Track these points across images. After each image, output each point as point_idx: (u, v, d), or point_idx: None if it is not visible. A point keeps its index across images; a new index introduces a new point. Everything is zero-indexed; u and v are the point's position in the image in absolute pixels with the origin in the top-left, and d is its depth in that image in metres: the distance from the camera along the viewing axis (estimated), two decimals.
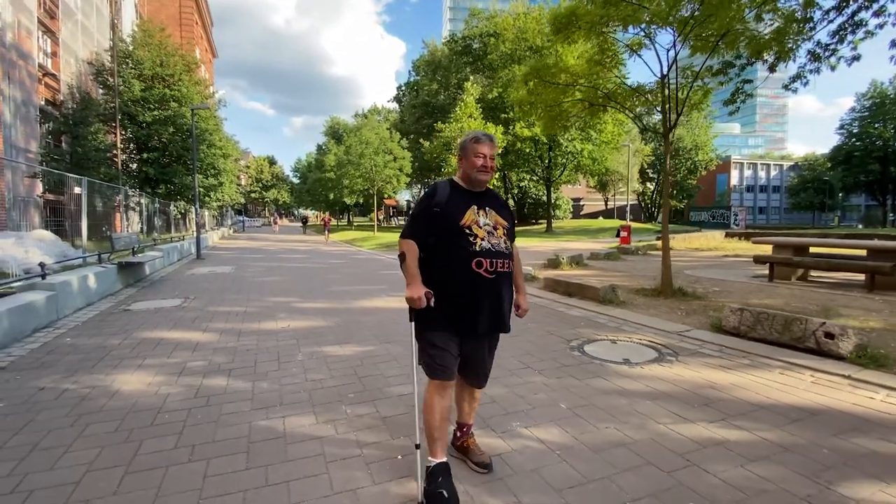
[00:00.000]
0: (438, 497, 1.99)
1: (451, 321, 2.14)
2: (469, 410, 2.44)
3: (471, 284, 2.11)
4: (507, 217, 2.32)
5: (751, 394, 3.26)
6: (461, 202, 2.19)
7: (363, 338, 5.02)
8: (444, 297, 2.11)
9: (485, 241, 2.14)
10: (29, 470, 2.41)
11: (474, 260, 2.10)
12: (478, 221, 2.17)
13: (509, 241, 2.28)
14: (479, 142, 2.23)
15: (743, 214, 56.37)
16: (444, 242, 2.14)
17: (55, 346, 4.78)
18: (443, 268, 2.14)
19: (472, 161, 2.22)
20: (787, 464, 2.35)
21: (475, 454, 2.35)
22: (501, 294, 2.19)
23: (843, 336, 3.83)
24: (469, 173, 2.24)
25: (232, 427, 2.89)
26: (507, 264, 2.21)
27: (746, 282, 8.24)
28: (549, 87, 7.43)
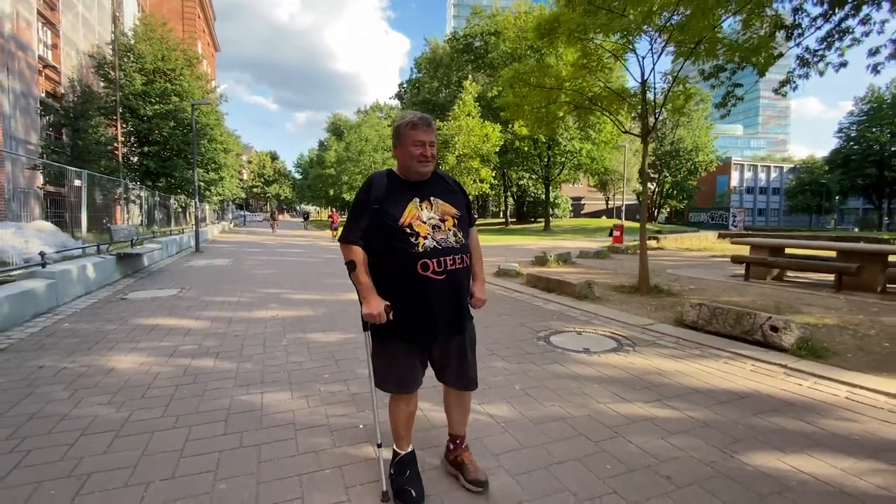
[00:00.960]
0: (406, 495, 2.00)
1: (406, 329, 1.96)
2: (459, 419, 2.23)
3: (419, 289, 1.91)
4: (458, 203, 2.07)
5: (691, 379, 3.55)
6: (400, 197, 1.96)
7: (346, 326, 5.32)
8: (396, 304, 1.93)
9: (428, 240, 1.92)
10: (27, 434, 2.71)
11: (419, 262, 1.90)
12: (420, 217, 1.94)
13: (462, 230, 2.04)
14: (415, 127, 1.96)
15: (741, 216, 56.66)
16: (386, 245, 1.94)
17: (54, 331, 5.08)
18: (388, 273, 1.96)
19: (409, 151, 1.96)
20: (703, 437, 2.64)
21: (469, 471, 2.12)
22: (456, 293, 2.00)
23: (786, 329, 4.12)
24: (407, 164, 1.99)
25: (214, 400, 3.18)
26: (459, 259, 1.97)
27: (723, 281, 8.53)
28: (533, 90, 7.69)
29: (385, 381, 2.08)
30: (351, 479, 2.24)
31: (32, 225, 10.61)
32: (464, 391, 2.19)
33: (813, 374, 3.62)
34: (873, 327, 5.11)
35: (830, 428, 2.77)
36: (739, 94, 12.01)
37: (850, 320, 5.44)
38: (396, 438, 2.17)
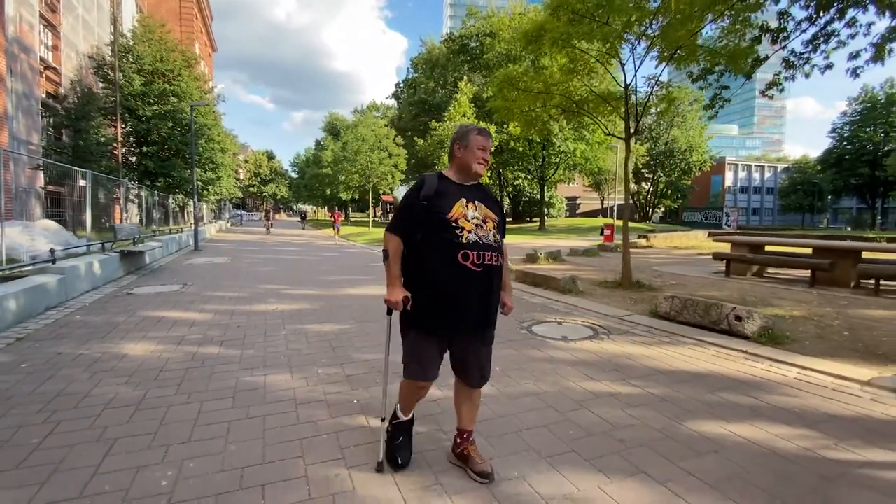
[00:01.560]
0: (393, 461, 2.27)
1: (438, 318, 2.10)
2: (468, 415, 2.33)
3: (457, 277, 2.06)
4: (496, 212, 2.27)
5: (656, 362, 3.90)
6: (450, 195, 2.15)
7: (342, 318, 5.64)
8: (431, 291, 2.08)
9: (472, 234, 2.09)
10: (56, 408, 3.02)
11: (460, 252, 2.05)
12: (465, 214, 2.12)
13: (499, 235, 2.24)
14: (482, 133, 2.22)
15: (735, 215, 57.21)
16: (430, 236, 2.09)
17: (67, 322, 5.38)
18: (430, 261, 2.10)
19: (474, 153, 2.18)
20: (658, 409, 2.98)
21: (476, 463, 2.24)
22: (489, 287, 2.14)
23: (749, 319, 4.47)
24: (468, 164, 2.20)
25: (222, 381, 3.51)
26: (495, 257, 2.14)
27: (704, 277, 8.89)
28: (522, 94, 8.02)
29: (410, 366, 2.20)
30: (345, 442, 2.57)
31: (38, 223, 10.89)
32: (477, 388, 2.30)
33: (769, 358, 3.97)
34: (837, 318, 5.47)
35: (775, 402, 3.12)
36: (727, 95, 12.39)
37: (817, 312, 5.80)
38: (402, 405, 2.36)
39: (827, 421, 2.84)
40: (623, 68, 7.38)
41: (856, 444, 2.55)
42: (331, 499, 2.07)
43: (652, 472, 2.27)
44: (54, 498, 2.06)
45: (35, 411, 2.97)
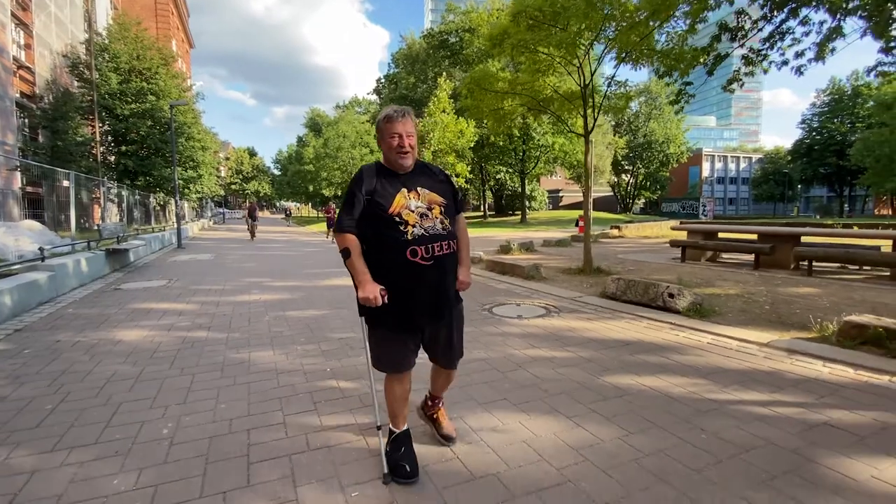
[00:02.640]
0: (401, 469, 2.13)
1: (395, 314, 2.10)
2: (442, 386, 2.46)
3: (409, 274, 2.04)
4: (444, 191, 2.20)
5: (593, 333, 4.48)
6: (389, 187, 2.09)
7: (320, 305, 6.12)
8: (387, 290, 2.06)
9: (416, 228, 2.05)
10: (64, 382, 3.46)
11: (408, 249, 2.02)
12: (408, 206, 2.06)
13: (449, 217, 2.17)
14: (390, 120, 2.09)
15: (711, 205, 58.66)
16: (376, 233, 2.07)
17: (60, 315, 5.76)
18: (379, 260, 2.08)
19: (387, 142, 2.11)
20: (583, 367, 3.55)
21: (442, 427, 2.44)
22: (442, 278, 2.13)
23: (680, 296, 5.07)
24: (388, 156, 2.14)
25: (211, 357, 3.97)
26: (446, 245, 2.11)
27: (662, 263, 9.55)
28: (487, 93, 8.53)
29: (380, 362, 2.22)
30: (318, 398, 3.08)
31: (22, 224, 11.07)
32: (450, 369, 2.38)
33: (691, 328, 4.58)
34: (765, 295, 6.13)
35: (682, 361, 3.70)
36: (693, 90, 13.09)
37: (750, 290, 6.46)
38: (392, 417, 2.30)
39: (719, 373, 3.43)
40: (580, 71, 7.91)
41: (735, 389, 3.14)
42: (304, 437, 2.57)
43: (563, 410, 2.83)
44: (75, 444, 2.52)
45: (44, 385, 3.41)
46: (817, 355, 3.70)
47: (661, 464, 2.25)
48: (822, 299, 5.82)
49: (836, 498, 1.97)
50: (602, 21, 6.78)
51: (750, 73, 11.93)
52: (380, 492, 2.06)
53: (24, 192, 18.55)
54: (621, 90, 8.90)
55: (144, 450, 2.45)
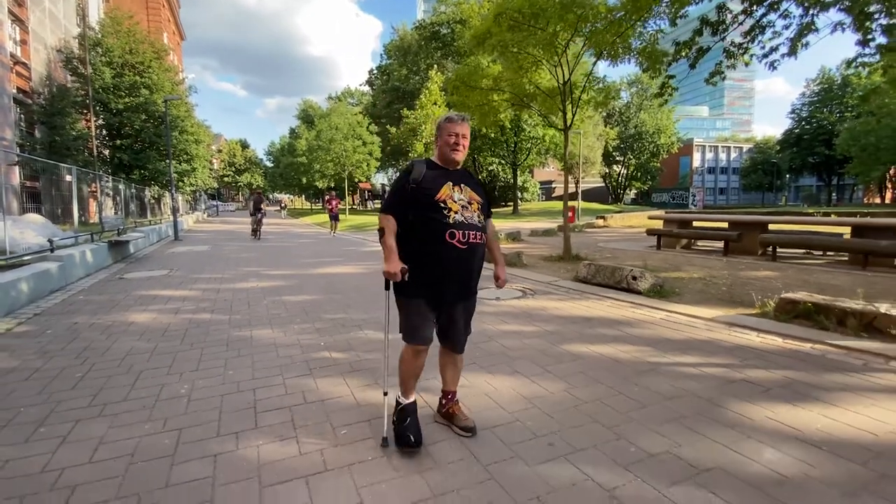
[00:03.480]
0: (405, 439, 2.31)
1: (427, 289, 2.31)
2: (452, 378, 2.60)
3: (444, 254, 2.25)
4: (481, 195, 2.46)
5: (561, 312, 4.97)
6: (437, 179, 2.33)
7: (314, 291, 6.59)
8: (421, 266, 2.27)
9: (458, 215, 2.28)
10: (88, 356, 3.90)
11: (447, 231, 2.24)
12: (452, 196, 2.31)
13: (483, 216, 2.43)
14: (451, 121, 2.38)
15: (700, 195, 59.31)
16: (421, 216, 2.28)
17: (73, 301, 6.19)
18: (420, 239, 2.29)
19: (445, 139, 2.37)
20: (544, 338, 4.04)
21: (460, 420, 2.51)
22: (473, 262, 2.35)
23: (642, 278, 5.58)
24: (443, 151, 2.39)
25: (216, 335, 4.44)
26: (479, 236, 2.34)
27: (639, 250, 10.07)
28: (473, 90, 8.95)
29: (409, 331, 2.40)
30: (313, 366, 3.55)
31: (26, 217, 11.43)
32: (458, 354, 2.56)
33: (650, 306, 5.08)
34: (726, 278, 6.65)
35: (634, 333, 4.21)
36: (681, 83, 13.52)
37: (714, 274, 6.98)
38: (403, 388, 2.47)
39: (663, 342, 3.94)
40: (557, 69, 8.34)
41: (674, 354, 3.65)
42: (301, 394, 3.05)
43: (523, 371, 3.32)
44: (107, 401, 2.98)
45: (72, 358, 3.86)
46: (753, 327, 4.22)
47: (596, 409, 2.75)
48: (777, 281, 6.34)
49: (729, 430, 2.48)
50: (577, 22, 7.20)
51: (731, 65, 12.43)
52: (364, 429, 2.55)
53: (23, 187, 18.80)
54: (600, 86, 9.28)
55: (167, 404, 2.92)
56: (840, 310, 4.00)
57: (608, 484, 2.04)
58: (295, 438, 2.47)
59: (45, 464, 2.26)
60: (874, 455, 2.22)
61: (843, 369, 3.28)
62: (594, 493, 1.97)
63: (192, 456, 2.31)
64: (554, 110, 9.42)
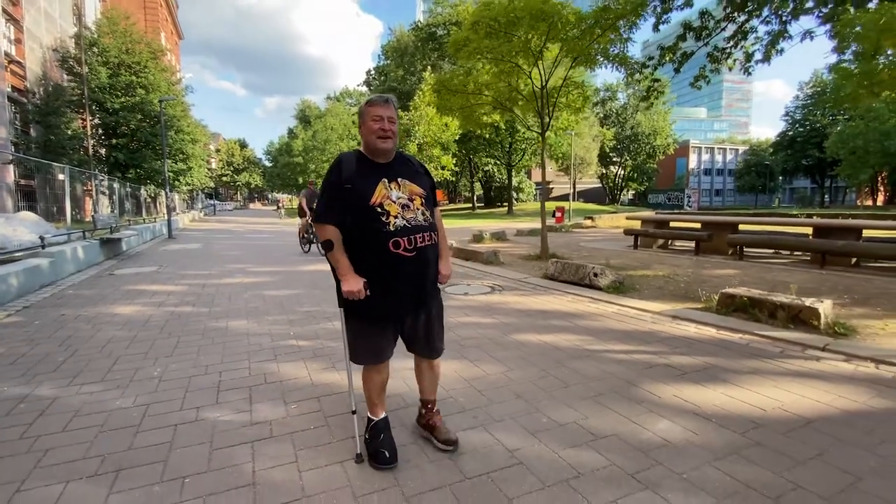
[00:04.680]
0: (381, 456, 2.13)
1: (376, 307, 2.07)
2: (429, 386, 2.39)
3: (390, 266, 2.01)
4: (423, 183, 2.19)
5: (521, 305, 5.28)
6: (369, 177, 2.05)
7: (295, 286, 6.88)
8: (367, 281, 2.03)
9: (399, 219, 2.02)
10: (71, 344, 4.19)
11: (391, 241, 1.99)
12: (389, 196, 2.03)
13: (429, 209, 2.17)
14: (372, 104, 2.09)
15: (695, 196, 59.77)
16: (357, 224, 2.02)
17: (62, 296, 6.47)
18: (360, 250, 2.04)
19: (368, 126, 2.06)
20: (498, 329, 4.35)
21: (441, 432, 2.31)
22: (425, 269, 2.12)
23: (602, 275, 5.88)
24: (368, 141, 2.09)
25: (194, 325, 4.73)
26: (428, 237, 2.10)
27: (617, 250, 10.38)
28: (454, 94, 9.25)
29: (357, 354, 2.19)
30: (279, 353, 3.85)
31: (19, 215, 11.65)
32: (432, 359, 2.35)
33: (606, 301, 5.39)
34: (688, 276, 6.95)
35: (582, 324, 4.51)
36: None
37: (678, 272, 7.28)
38: (370, 406, 2.29)
39: (606, 332, 4.25)
40: (530, 74, 8.64)
41: (611, 343, 3.95)
42: (263, 376, 3.34)
43: (469, 356, 3.63)
44: (85, 381, 3.27)
45: (56, 345, 4.15)
46: (694, 320, 4.53)
47: (524, 388, 3.05)
48: (736, 279, 6.65)
49: (635, 405, 2.78)
50: (548, 30, 7.50)
51: (716, 70, 12.79)
52: (312, 405, 2.85)
53: (18, 185, 19.06)
54: (577, 91, 9.58)
55: (139, 384, 3.21)
56: (771, 303, 4.31)
57: (513, 446, 2.34)
58: (249, 412, 2.77)
59: (23, 432, 2.55)
60: (755, 426, 2.53)
61: (761, 356, 3.59)
62: (499, 454, 2.28)
63: (155, 426, 2.61)
64: (534, 114, 9.72)
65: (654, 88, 14.16)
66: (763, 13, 10.93)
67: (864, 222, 8.26)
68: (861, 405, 2.78)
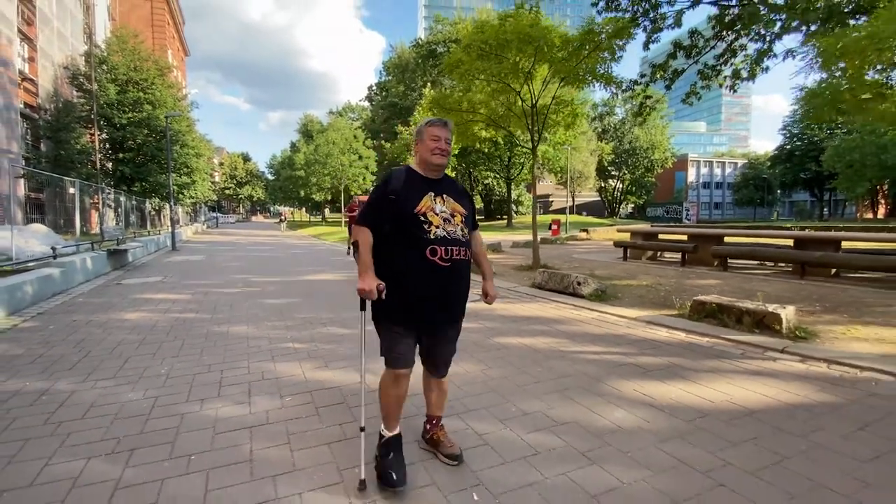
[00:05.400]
0: (388, 478, 2.08)
1: (406, 310, 2.11)
2: (437, 402, 2.45)
3: (425, 272, 2.07)
4: (465, 205, 2.28)
5: (507, 312, 5.57)
6: (417, 189, 2.16)
7: (294, 295, 7.20)
8: (399, 286, 2.08)
9: (440, 229, 2.10)
10: (84, 346, 4.50)
11: (428, 248, 2.07)
12: (433, 208, 2.13)
13: (468, 229, 2.26)
14: (433, 125, 2.22)
15: (694, 210, 60.11)
16: (398, 230, 2.10)
17: (73, 303, 6.80)
18: (398, 255, 2.11)
19: (427, 144, 2.19)
20: (482, 333, 4.64)
21: (445, 446, 2.34)
22: (457, 282, 2.19)
23: (585, 284, 6.18)
24: (425, 157, 2.20)
25: (198, 330, 5.04)
26: (463, 252, 2.17)
27: (608, 261, 10.68)
28: (448, 112, 9.66)
29: (388, 355, 2.21)
30: (276, 354, 4.15)
31: (30, 227, 12.05)
32: (440, 378, 2.42)
33: (588, 308, 5.68)
34: (671, 286, 7.24)
35: (561, 329, 4.81)
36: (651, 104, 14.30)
37: (662, 282, 7.57)
38: (385, 419, 2.27)
39: (583, 336, 4.54)
40: (521, 93, 9.05)
41: (586, 345, 4.24)
42: (260, 373, 3.65)
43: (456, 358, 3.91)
44: (99, 378, 3.58)
45: (70, 347, 4.46)
46: (666, 325, 4.82)
47: (500, 384, 3.35)
48: (716, 289, 6.93)
49: (597, 398, 3.07)
50: (535, 53, 7.92)
51: (707, 86, 13.23)
52: (305, 398, 3.15)
53: (28, 198, 19.54)
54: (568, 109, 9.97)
55: (148, 380, 3.52)
56: (738, 309, 4.60)
57: (482, 431, 2.64)
58: (248, 403, 3.07)
59: (46, 419, 2.85)
60: (702, 415, 2.81)
61: (722, 357, 3.88)
62: (470, 437, 2.57)
63: (164, 415, 2.91)
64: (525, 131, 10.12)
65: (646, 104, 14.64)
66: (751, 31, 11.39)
67: (843, 234, 8.56)
68: (804, 399, 3.06)
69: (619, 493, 2.05)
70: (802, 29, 10.13)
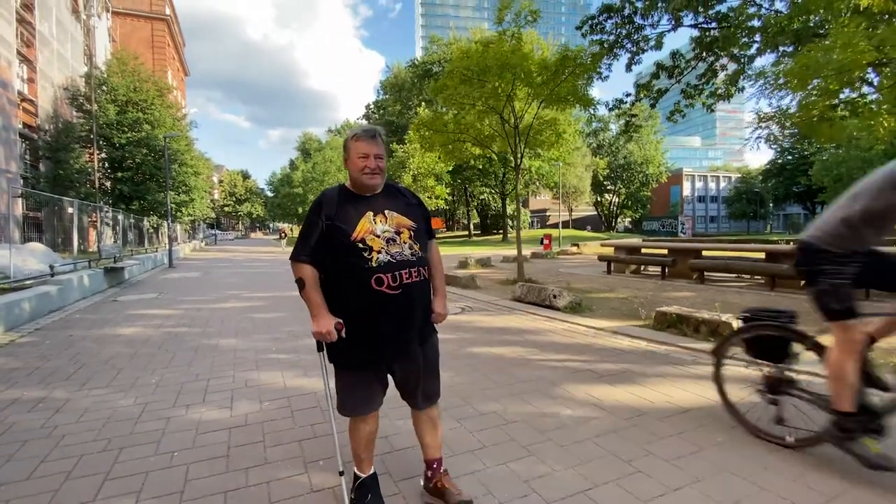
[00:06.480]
0: None
1: (362, 351, 1.91)
2: (433, 443, 2.18)
3: (373, 305, 1.86)
4: (415, 215, 2.04)
5: (484, 324, 5.87)
6: (353, 211, 1.93)
7: (283, 310, 7.48)
8: (349, 325, 1.88)
9: (382, 254, 1.88)
10: (79, 359, 4.78)
11: (373, 277, 1.85)
12: (373, 231, 1.91)
13: (420, 242, 2.01)
14: (358, 139, 1.95)
15: (689, 223, 60.67)
16: (338, 262, 1.90)
17: (70, 319, 7.07)
18: (341, 290, 1.91)
19: (355, 163, 1.94)
20: (457, 343, 4.93)
21: (451, 495, 2.07)
22: (411, 308, 1.93)
23: (560, 296, 6.49)
24: (355, 177, 1.97)
25: (188, 343, 5.32)
26: (415, 273, 1.93)
27: (592, 275, 10.99)
28: (436, 133, 10.07)
29: (344, 405, 2.01)
30: (261, 364, 4.43)
31: (28, 246, 12.34)
32: (429, 407, 2.16)
33: (561, 319, 5.97)
34: (646, 298, 7.54)
35: (532, 339, 5.10)
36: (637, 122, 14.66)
37: (638, 295, 7.88)
38: (357, 461, 2.10)
39: (550, 345, 4.83)
40: (503, 115, 9.47)
41: (551, 353, 4.53)
42: (244, 381, 3.92)
43: None
44: (93, 387, 3.85)
45: (66, 360, 4.73)
46: (630, 334, 5.11)
47: (463, 388, 3.63)
48: (688, 301, 7.23)
49: (549, 400, 3.36)
50: (513, 79, 8.36)
51: (690, 104, 13.74)
52: (282, 402, 3.42)
53: (26, 217, 19.87)
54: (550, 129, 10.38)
55: (139, 389, 3.79)
56: (696, 319, 4.90)
57: None
58: (230, 408, 3.35)
59: (42, 423, 3.13)
60: (639, 414, 3.10)
61: (674, 363, 4.17)
62: None
63: (152, 418, 3.19)
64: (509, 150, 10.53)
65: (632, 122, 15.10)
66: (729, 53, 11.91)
67: None
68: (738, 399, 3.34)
69: (549, 478, 2.33)
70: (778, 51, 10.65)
